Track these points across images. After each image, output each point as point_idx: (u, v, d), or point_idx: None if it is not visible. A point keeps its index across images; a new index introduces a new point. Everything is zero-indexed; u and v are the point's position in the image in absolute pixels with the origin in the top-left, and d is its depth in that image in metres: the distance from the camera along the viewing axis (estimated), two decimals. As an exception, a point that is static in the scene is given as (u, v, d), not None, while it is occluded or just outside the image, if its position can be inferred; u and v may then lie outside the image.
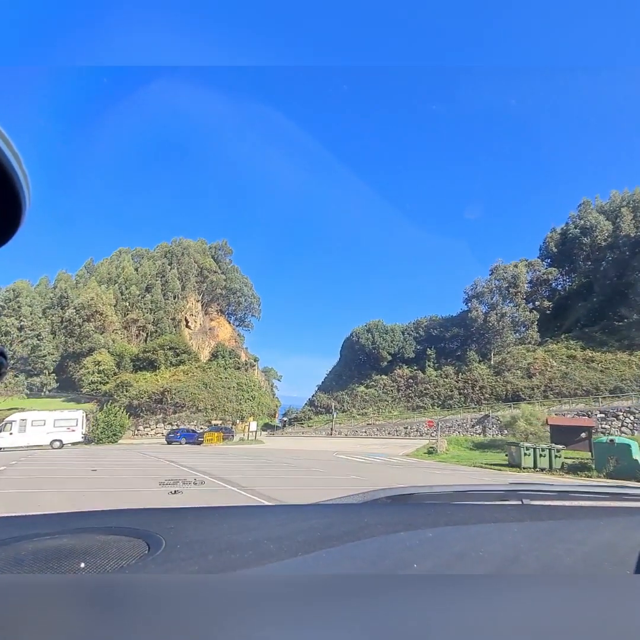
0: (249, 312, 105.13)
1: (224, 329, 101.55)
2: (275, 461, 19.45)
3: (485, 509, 1.27)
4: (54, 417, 30.08)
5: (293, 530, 0.93)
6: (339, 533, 0.89)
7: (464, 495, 1.53)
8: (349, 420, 50.92)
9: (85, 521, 1.03)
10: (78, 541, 0.87)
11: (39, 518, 1.11)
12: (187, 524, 0.99)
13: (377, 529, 0.93)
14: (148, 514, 1.18)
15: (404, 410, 50.57)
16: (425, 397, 50.33)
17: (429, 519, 1.02)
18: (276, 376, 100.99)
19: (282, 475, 13.63)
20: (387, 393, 53.27)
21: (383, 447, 32.23)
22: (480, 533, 0.93)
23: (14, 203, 0.39)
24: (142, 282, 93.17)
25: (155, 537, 0.84)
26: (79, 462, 17.77)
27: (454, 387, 49.19)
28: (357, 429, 47.76)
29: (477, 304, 51.34)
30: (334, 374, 60.99)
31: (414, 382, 52.19)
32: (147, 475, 12.85)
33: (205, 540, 0.85)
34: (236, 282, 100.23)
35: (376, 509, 1.32)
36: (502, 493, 1.52)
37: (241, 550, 0.78)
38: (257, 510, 1.33)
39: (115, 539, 0.86)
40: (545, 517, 1.13)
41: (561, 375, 43.88)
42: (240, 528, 0.96)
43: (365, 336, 54.90)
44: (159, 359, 67.37)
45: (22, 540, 0.85)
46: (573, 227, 54.30)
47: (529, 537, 0.89)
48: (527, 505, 1.33)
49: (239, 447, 33.49)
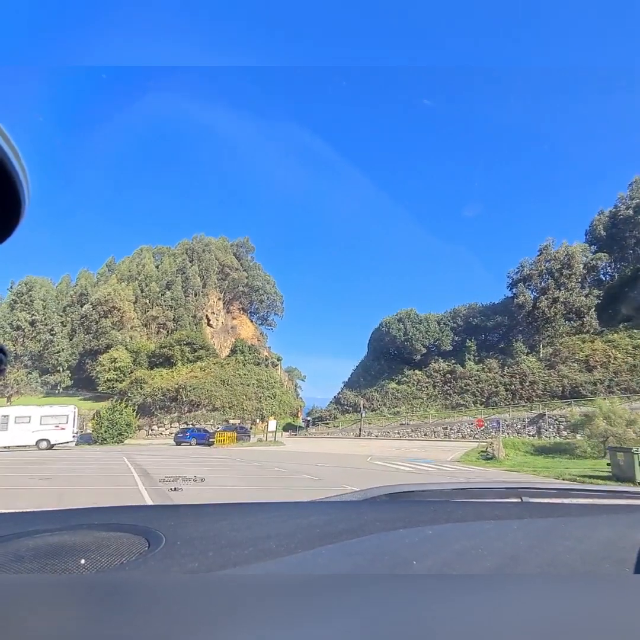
0: (271, 311, 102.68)
1: (246, 328, 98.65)
2: (290, 471, 14.60)
3: (484, 506, 1.26)
4: (40, 413, 26.00)
5: (292, 527, 0.93)
6: (338, 530, 0.89)
7: (464, 492, 1.53)
8: (379, 420, 45.69)
9: (86, 517, 1.04)
10: (78, 537, 0.87)
11: (40, 514, 1.11)
12: (187, 521, 1.00)
13: (377, 526, 0.93)
14: (148, 510, 1.19)
15: (441, 408, 45.01)
16: (465, 394, 44.61)
17: (429, 517, 1.02)
18: (300, 376, 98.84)
19: (297, 496, 8.83)
20: (422, 390, 47.76)
21: (423, 451, 27.00)
22: (480, 530, 0.93)
23: (13, 198, 0.39)
24: (162, 279, 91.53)
25: (155, 534, 0.84)
26: (36, 468, 13.50)
27: (499, 382, 43.29)
28: (389, 430, 42.51)
29: (524, 289, 45.21)
30: (362, 368, 55.59)
31: (452, 377, 46.50)
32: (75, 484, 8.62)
33: (205, 537, 0.85)
34: (258, 280, 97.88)
35: (375, 506, 1.30)
36: (501, 490, 1.53)
37: (241, 547, 0.78)
38: (257, 507, 1.26)
39: (115, 536, 0.86)
40: (545, 515, 1.12)
41: (628, 367, 37.52)
42: (240, 525, 0.96)
43: (397, 326, 49.42)
44: (176, 355, 63.74)
45: (22, 536, 0.84)
46: (624, 208, 47.76)
47: (528, 535, 0.89)
48: (526, 502, 1.33)
49: (253, 450, 28.82)
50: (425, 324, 49.10)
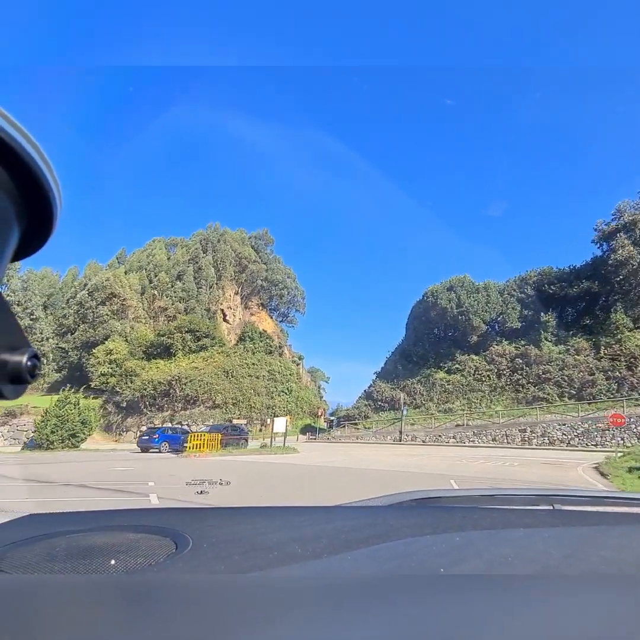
0: (292, 307, 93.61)
1: (266, 324, 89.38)
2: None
3: (514, 514, 1.21)
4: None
5: (317, 531, 0.92)
6: (364, 535, 0.87)
7: (492, 499, 1.49)
8: (426, 420, 34.33)
9: (115, 519, 1.05)
10: (108, 538, 0.89)
11: (71, 515, 1.14)
12: (213, 524, 1.01)
13: (403, 532, 0.91)
14: (174, 513, 1.18)
15: (511, 404, 33.34)
16: (546, 384, 32.78)
17: (456, 523, 1.01)
18: (324, 377, 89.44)
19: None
20: (482, 380, 36.12)
21: (517, 466, 15.75)
22: (509, 538, 0.90)
23: (45, 209, 0.39)
24: (173, 268, 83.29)
25: (182, 536, 0.85)
26: None
27: (596, 368, 31.33)
28: (441, 433, 31.15)
29: (624, 240, 33.04)
30: (400, 354, 43.53)
31: (523, 362, 34.70)
32: None
33: (231, 540, 0.85)
34: (278, 274, 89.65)
35: (401, 511, 1.28)
36: (532, 497, 1.48)
37: (266, 550, 0.78)
38: (281, 511, 1.26)
39: (144, 537, 0.87)
40: (579, 523, 1.09)
41: None
42: (264, 529, 0.96)
43: (447, 296, 37.74)
44: (176, 344, 53.98)
45: (55, 536, 0.87)
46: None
47: (561, 544, 0.86)
48: (558, 510, 1.28)
49: (241, 461, 17.90)
50: (484, 293, 37.39)
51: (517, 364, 35.00)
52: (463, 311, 36.78)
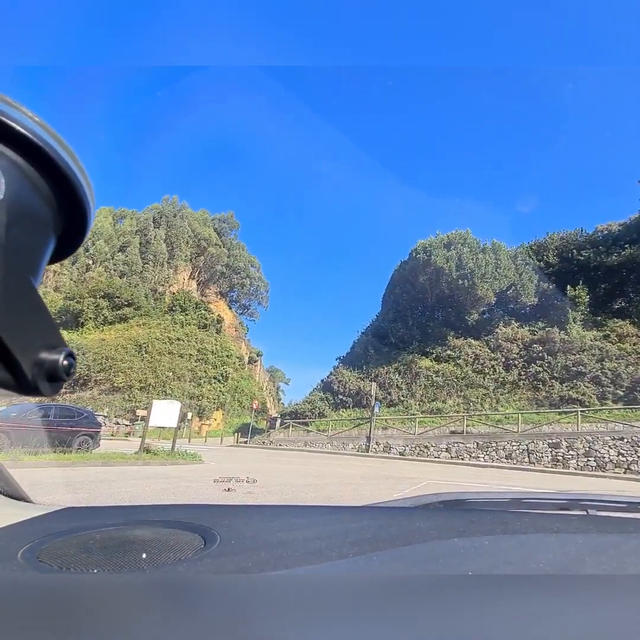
0: (254, 298, 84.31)
1: (224, 315, 78.50)
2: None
3: (545, 519, 1.16)
4: None
5: (343, 530, 0.92)
6: (390, 536, 0.87)
7: (522, 503, 1.46)
8: (404, 423, 23.93)
9: (147, 514, 1.07)
10: (140, 533, 0.91)
11: (104, 510, 1.18)
12: (240, 521, 1.02)
13: (430, 534, 0.90)
14: (203, 509, 1.20)
15: (526, 405, 23.41)
16: (578, 379, 23.07)
17: (484, 526, 0.98)
18: (284, 379, 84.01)
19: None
20: (484, 372, 26.11)
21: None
22: (540, 543, 0.88)
23: (80, 214, 0.40)
24: (117, 239, 70.36)
25: (210, 532, 0.86)
26: None
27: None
28: (428, 442, 20.82)
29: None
30: (373, 334, 32.75)
31: (544, 350, 24.95)
32: None
33: (257, 537, 0.86)
34: (241, 261, 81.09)
35: (428, 513, 1.25)
36: (563, 502, 1.45)
37: (292, 548, 0.78)
38: (306, 510, 1.25)
39: (173, 532, 0.89)
40: (614, 530, 1.05)
41: None
42: (290, 526, 0.96)
43: (444, 254, 27.55)
44: (86, 311, 41.75)
45: (90, 530, 0.89)
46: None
47: (595, 551, 0.84)
48: (592, 516, 1.24)
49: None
50: (492, 255, 27.45)
51: (535, 353, 25.20)
52: (465, 274, 26.61)
